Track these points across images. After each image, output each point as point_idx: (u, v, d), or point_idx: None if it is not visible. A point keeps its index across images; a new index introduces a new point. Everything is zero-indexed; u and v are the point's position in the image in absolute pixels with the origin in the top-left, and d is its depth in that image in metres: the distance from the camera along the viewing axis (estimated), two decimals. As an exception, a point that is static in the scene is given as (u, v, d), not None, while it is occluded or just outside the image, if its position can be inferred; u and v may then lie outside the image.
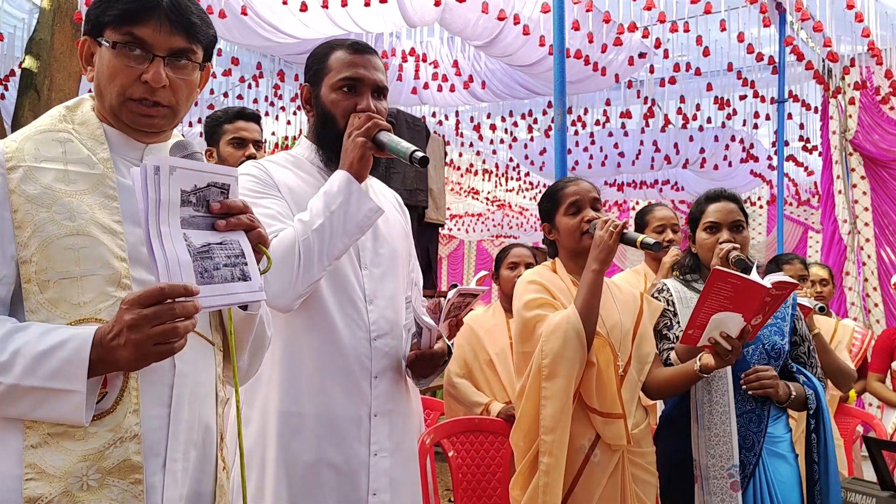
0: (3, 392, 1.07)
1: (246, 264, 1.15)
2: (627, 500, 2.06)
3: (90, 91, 1.32)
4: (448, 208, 13.40)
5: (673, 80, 7.10)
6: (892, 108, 6.58)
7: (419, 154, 1.57)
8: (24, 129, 1.22)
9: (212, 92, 7.49)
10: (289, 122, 8.22)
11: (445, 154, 7.80)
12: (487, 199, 13.39)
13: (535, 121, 8.68)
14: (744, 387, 2.12)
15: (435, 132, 7.43)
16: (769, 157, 8.91)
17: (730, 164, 8.99)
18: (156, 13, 1.21)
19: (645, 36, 6.34)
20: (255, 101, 7.67)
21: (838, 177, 6.75)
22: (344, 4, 5.25)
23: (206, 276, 1.08)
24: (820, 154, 7.47)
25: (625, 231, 2.04)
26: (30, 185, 1.15)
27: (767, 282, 1.90)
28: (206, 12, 1.30)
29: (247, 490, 1.25)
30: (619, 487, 2.06)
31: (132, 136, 1.27)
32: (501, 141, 9.72)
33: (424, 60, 7.18)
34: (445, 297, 2.09)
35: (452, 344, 2.06)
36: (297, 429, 1.62)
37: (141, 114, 1.23)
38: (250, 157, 2.60)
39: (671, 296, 2.31)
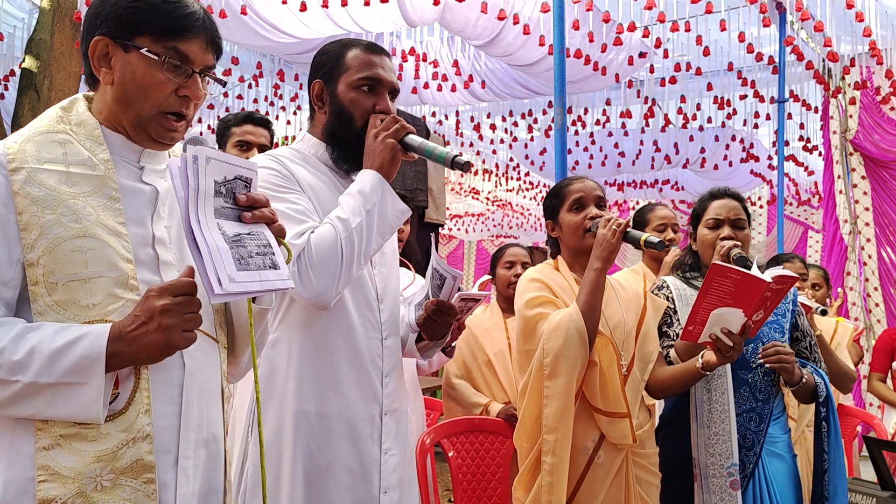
0: (19, 390, 1.07)
1: (274, 254, 1.19)
2: (631, 502, 2.05)
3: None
4: (448, 208, 13.39)
5: (673, 80, 7.09)
6: (892, 109, 6.57)
7: (462, 159, 1.60)
8: (23, 131, 1.22)
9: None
10: (289, 122, 8.21)
11: (445, 154, 7.76)
12: (487, 199, 13.39)
13: (535, 120, 8.66)
14: (761, 360, 2.11)
15: (435, 132, 7.43)
16: (769, 157, 8.91)
17: (730, 164, 8.98)
18: (200, 31, 1.24)
19: (645, 35, 6.34)
20: (255, 100, 7.66)
21: (839, 177, 6.74)
22: (344, 4, 5.24)
23: (242, 264, 1.12)
24: (820, 154, 7.46)
25: (627, 230, 2.04)
26: (34, 188, 1.14)
27: (767, 276, 1.90)
28: None
29: (266, 488, 1.26)
30: (622, 489, 2.05)
31: (133, 139, 1.27)
32: (501, 141, 9.71)
33: (424, 60, 7.17)
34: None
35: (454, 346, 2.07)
36: (315, 428, 1.62)
37: (169, 128, 1.25)
38: None
39: (671, 293, 2.30)
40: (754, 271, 1.91)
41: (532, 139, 9.42)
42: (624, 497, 2.05)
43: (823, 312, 2.94)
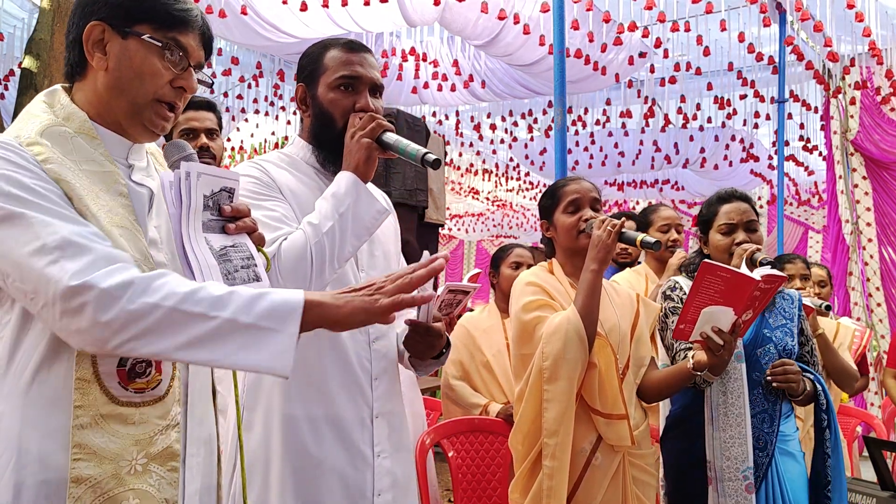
0: (216, 327, 1.04)
1: (256, 266, 1.20)
2: (629, 502, 2.05)
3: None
4: (448, 208, 13.39)
5: (673, 80, 7.09)
6: (892, 109, 6.57)
7: (431, 156, 1.56)
8: (29, 127, 1.16)
9: (212, 92, 7.48)
10: (289, 122, 8.22)
11: (445, 154, 7.79)
12: (487, 199, 13.39)
13: (535, 120, 8.66)
14: (769, 378, 2.15)
15: (435, 132, 7.42)
16: (769, 157, 8.91)
17: (730, 164, 8.98)
18: (197, 26, 1.25)
19: (645, 35, 6.33)
20: (255, 100, 7.67)
21: (840, 177, 6.74)
22: (344, 4, 5.24)
23: (229, 278, 1.14)
24: (821, 154, 7.46)
25: (623, 230, 2.03)
26: (65, 185, 1.12)
27: (757, 275, 1.90)
28: None
29: (247, 494, 1.27)
30: (620, 490, 2.05)
31: (125, 129, 1.24)
32: (501, 141, 9.71)
33: (424, 60, 7.17)
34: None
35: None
36: (304, 431, 1.62)
37: (162, 117, 1.24)
38: (203, 147, 2.54)
39: (684, 294, 2.27)
40: (743, 268, 1.92)
41: (532, 139, 9.42)
42: (621, 498, 2.04)
43: (827, 308, 2.94)
